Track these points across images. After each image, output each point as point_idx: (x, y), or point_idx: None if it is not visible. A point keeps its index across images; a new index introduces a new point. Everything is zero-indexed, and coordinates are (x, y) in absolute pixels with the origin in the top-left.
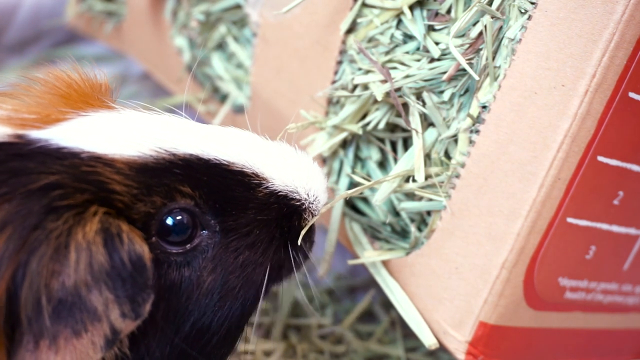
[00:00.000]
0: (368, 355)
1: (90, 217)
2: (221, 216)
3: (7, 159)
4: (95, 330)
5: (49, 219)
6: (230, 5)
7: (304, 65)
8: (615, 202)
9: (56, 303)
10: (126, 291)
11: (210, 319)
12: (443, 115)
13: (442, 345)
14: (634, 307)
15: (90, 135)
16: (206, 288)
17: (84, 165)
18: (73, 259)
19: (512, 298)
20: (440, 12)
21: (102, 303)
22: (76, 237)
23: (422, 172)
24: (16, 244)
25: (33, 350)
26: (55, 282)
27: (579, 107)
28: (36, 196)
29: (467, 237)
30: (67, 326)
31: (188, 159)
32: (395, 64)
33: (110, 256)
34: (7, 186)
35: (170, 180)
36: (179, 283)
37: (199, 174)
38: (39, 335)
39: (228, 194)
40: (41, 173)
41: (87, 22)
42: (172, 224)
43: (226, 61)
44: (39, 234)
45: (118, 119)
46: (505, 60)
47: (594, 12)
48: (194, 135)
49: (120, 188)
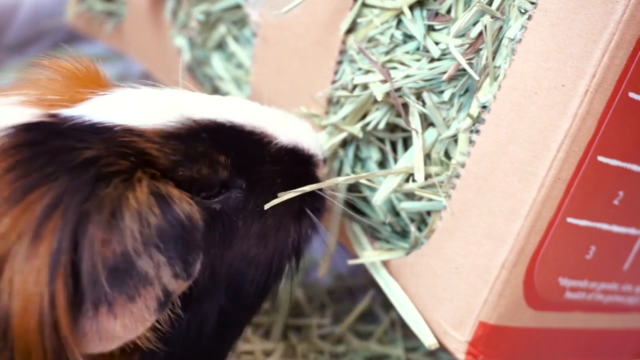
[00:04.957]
0: (368, 355)
1: (137, 181)
2: (244, 173)
3: (47, 138)
4: (147, 293)
5: (98, 187)
6: (230, 5)
7: (304, 65)
8: (616, 202)
9: (111, 270)
10: (178, 252)
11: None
12: (443, 115)
13: (442, 346)
14: (634, 307)
15: (116, 110)
16: (241, 237)
17: (120, 137)
18: (127, 224)
19: (512, 298)
20: (440, 12)
21: (153, 267)
22: (128, 202)
23: (422, 172)
24: (72, 216)
25: (93, 317)
26: (109, 250)
27: (579, 107)
28: (82, 170)
29: (467, 237)
30: (122, 292)
31: (208, 125)
32: (395, 64)
33: (163, 217)
34: (53, 165)
35: (203, 146)
36: (220, 238)
37: (221, 137)
38: (97, 302)
39: (247, 152)
40: (82, 148)
41: (87, 22)
42: (210, 183)
43: (226, 61)
44: (92, 204)
45: (133, 95)
46: (505, 60)
47: (594, 12)
48: (205, 103)
49: (158, 153)
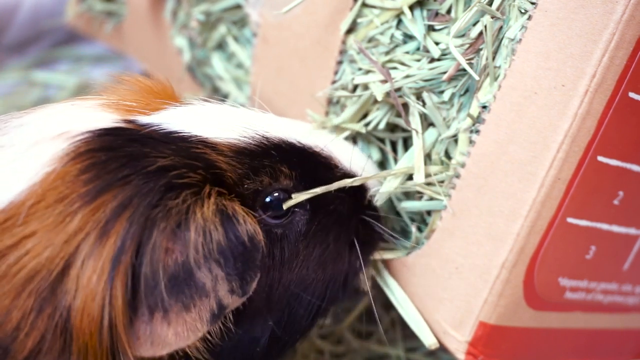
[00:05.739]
0: (368, 355)
1: (206, 196)
2: (305, 183)
3: (124, 144)
4: (202, 304)
5: (168, 197)
6: (230, 5)
7: (304, 65)
8: (615, 202)
9: (170, 278)
10: (237, 269)
11: (306, 296)
12: (443, 115)
13: (442, 345)
14: (634, 307)
15: (191, 122)
16: (301, 261)
17: (193, 148)
18: (191, 237)
19: (512, 298)
20: (440, 12)
21: (211, 279)
22: (195, 216)
23: (422, 172)
24: (139, 220)
25: (148, 322)
26: (171, 258)
27: (579, 107)
28: (155, 177)
29: (467, 237)
30: (178, 300)
31: (278, 143)
32: (395, 64)
33: (226, 235)
34: (127, 169)
35: (272, 162)
36: (279, 257)
37: (290, 156)
38: (153, 307)
39: (315, 175)
40: (157, 156)
41: (87, 22)
42: (274, 201)
43: (226, 61)
44: (159, 211)
45: (207, 109)
46: (505, 60)
47: (594, 12)
48: (278, 124)
49: (227, 167)
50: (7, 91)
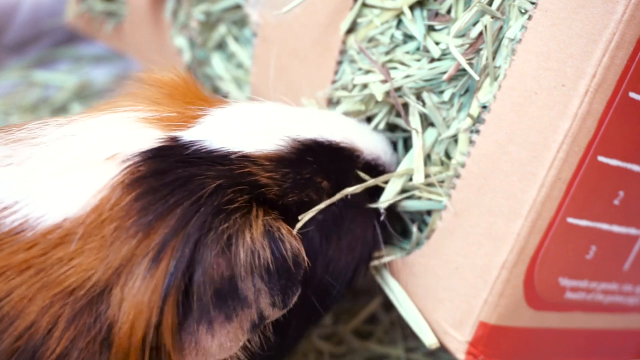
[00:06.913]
0: (368, 355)
1: (254, 219)
2: (340, 189)
3: (172, 166)
4: (244, 314)
5: (219, 220)
6: (231, 5)
7: (304, 65)
8: (616, 202)
9: (216, 292)
10: (280, 285)
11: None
12: (443, 115)
13: (442, 345)
14: (634, 307)
15: (229, 134)
16: (335, 253)
17: (237, 167)
18: (240, 256)
19: (512, 298)
20: (440, 12)
21: (254, 292)
22: (244, 238)
23: (422, 172)
24: (190, 245)
25: (193, 333)
26: (218, 274)
27: (579, 107)
28: (203, 202)
29: (467, 237)
30: (222, 311)
31: (311, 146)
32: (395, 64)
33: (272, 253)
34: (177, 195)
35: (309, 171)
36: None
37: (323, 159)
38: (199, 319)
39: (341, 169)
40: (204, 179)
41: (87, 22)
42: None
43: (226, 61)
44: (211, 234)
45: (240, 113)
46: (505, 60)
47: (594, 12)
48: (304, 119)
49: (270, 182)
50: (7, 91)
